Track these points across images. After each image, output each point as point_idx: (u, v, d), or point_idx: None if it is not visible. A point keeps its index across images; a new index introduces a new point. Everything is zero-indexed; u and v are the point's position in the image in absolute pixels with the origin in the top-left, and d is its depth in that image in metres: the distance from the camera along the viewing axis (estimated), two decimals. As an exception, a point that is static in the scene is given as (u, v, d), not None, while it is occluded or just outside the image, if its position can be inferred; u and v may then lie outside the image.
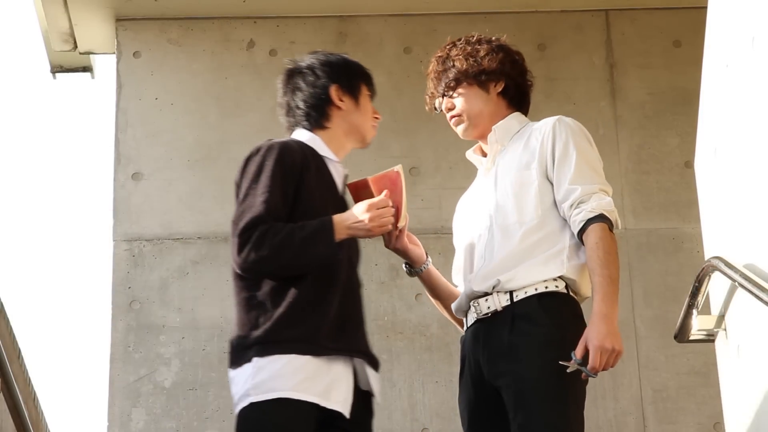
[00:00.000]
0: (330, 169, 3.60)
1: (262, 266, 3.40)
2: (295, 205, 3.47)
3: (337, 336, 3.43)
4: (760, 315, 3.33)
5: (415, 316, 5.98)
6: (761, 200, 3.32)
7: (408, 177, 6.09)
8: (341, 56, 3.75)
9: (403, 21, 6.36)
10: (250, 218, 3.41)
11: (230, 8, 6.30)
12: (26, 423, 5.31)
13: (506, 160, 3.66)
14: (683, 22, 6.31)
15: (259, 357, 3.36)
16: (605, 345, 3.36)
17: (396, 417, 5.82)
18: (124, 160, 6.17)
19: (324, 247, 3.41)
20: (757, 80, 3.35)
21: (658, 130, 6.26)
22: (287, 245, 3.38)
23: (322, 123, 3.64)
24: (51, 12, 6.27)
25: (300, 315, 3.39)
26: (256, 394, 3.34)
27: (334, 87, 3.64)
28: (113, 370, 5.89)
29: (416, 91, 6.43)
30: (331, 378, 3.39)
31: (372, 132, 3.74)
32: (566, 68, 6.29)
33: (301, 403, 3.34)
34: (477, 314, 3.58)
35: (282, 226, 3.40)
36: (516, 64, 3.74)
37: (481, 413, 3.59)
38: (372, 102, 3.76)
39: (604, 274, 3.43)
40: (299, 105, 3.67)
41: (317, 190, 3.52)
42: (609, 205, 3.52)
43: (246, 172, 3.54)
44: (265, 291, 3.42)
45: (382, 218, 3.48)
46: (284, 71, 3.73)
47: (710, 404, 5.80)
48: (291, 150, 3.52)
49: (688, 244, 6.07)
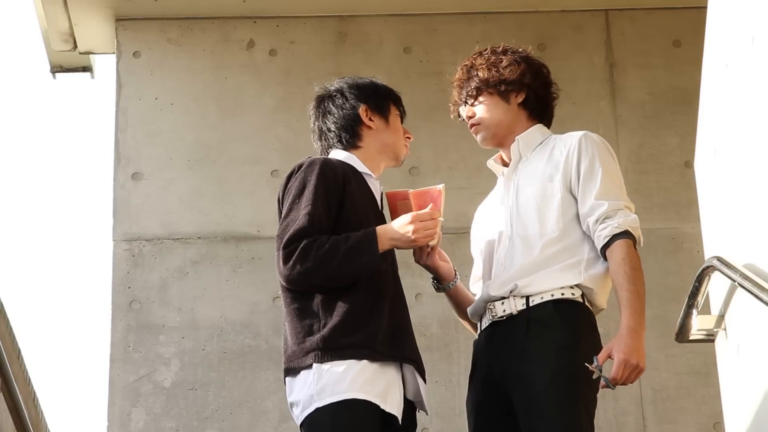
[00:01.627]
0: (369, 185, 3.67)
1: (308, 278, 3.47)
2: (339, 218, 3.54)
3: (391, 343, 3.50)
4: (760, 315, 3.32)
5: (415, 316, 5.90)
6: (761, 200, 3.32)
7: (408, 177, 6.09)
8: (370, 79, 3.83)
9: (403, 21, 6.36)
10: (294, 231, 3.48)
11: (230, 8, 6.30)
12: (26, 423, 5.30)
13: (528, 171, 3.70)
14: (683, 22, 6.31)
15: (320, 363, 3.42)
16: (631, 360, 3.39)
17: (396, 417, 5.82)
18: (124, 160, 6.17)
19: (368, 257, 3.47)
20: (757, 80, 3.35)
21: (658, 130, 6.26)
22: (332, 257, 3.45)
23: (354, 143, 3.72)
24: (51, 12, 6.27)
25: (355, 323, 3.46)
26: (321, 399, 3.39)
27: (363, 107, 3.72)
28: (113, 370, 5.89)
29: (416, 91, 6.45)
30: (386, 383, 3.46)
31: (404, 150, 3.80)
32: (566, 68, 6.28)
33: (367, 404, 3.40)
34: (492, 317, 3.60)
35: (326, 238, 3.47)
36: (538, 76, 3.79)
37: (489, 416, 3.59)
38: (403, 123, 3.83)
39: (632, 289, 3.47)
40: (330, 128, 3.74)
41: (360, 202, 3.59)
42: (635, 222, 3.58)
43: (289, 188, 3.60)
44: (318, 301, 3.49)
45: (427, 230, 3.54)
46: (314, 98, 3.81)
47: (710, 404, 5.80)
48: (333, 165, 3.59)
49: (688, 244, 6.07)
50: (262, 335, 5.89)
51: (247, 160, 6.16)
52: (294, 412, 3.50)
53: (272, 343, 5.85)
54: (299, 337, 3.48)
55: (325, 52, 6.33)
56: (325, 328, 3.45)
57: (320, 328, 3.45)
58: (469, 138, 3.87)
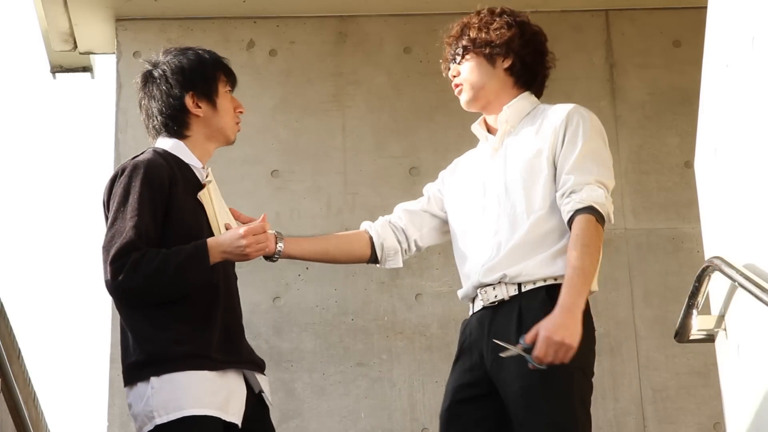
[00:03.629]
0: (197, 177, 3.56)
1: (138, 294, 3.37)
2: (165, 223, 3.43)
3: (226, 349, 3.44)
4: (760, 315, 3.32)
5: (415, 316, 5.97)
6: (761, 200, 3.32)
7: (408, 177, 6.09)
8: (195, 53, 3.63)
9: (403, 21, 6.35)
10: (122, 245, 3.36)
11: (230, 8, 6.30)
12: (26, 423, 5.31)
13: (516, 144, 3.60)
14: (683, 22, 6.31)
15: (156, 376, 3.34)
16: (554, 337, 3.27)
17: (396, 417, 5.82)
18: (124, 160, 6.15)
19: (199, 272, 3.39)
20: (757, 80, 3.35)
21: (658, 130, 6.26)
22: (162, 271, 3.34)
23: (182, 132, 3.58)
24: (51, 12, 6.27)
25: (190, 332, 3.38)
26: (161, 416, 3.33)
27: (189, 95, 3.57)
28: (113, 370, 5.88)
29: (416, 91, 6.46)
30: (227, 391, 3.40)
31: (235, 129, 3.68)
32: (566, 68, 6.27)
33: (206, 419, 3.34)
34: (484, 302, 3.53)
35: (155, 252, 3.37)
36: (529, 43, 3.68)
37: (468, 398, 3.51)
38: (232, 92, 3.68)
39: (576, 266, 3.36)
40: (156, 115, 3.60)
41: (187, 206, 3.48)
42: (600, 197, 3.44)
43: (114, 193, 3.47)
44: (152, 310, 3.40)
45: (259, 244, 3.46)
46: (141, 73, 3.63)
47: (710, 404, 5.80)
48: (157, 168, 3.46)
49: (688, 244, 6.07)
50: (262, 335, 5.89)
51: (247, 160, 6.16)
52: (135, 424, 3.43)
53: (272, 343, 5.85)
54: (135, 347, 3.39)
55: (325, 52, 6.33)
56: (159, 339, 3.36)
57: (155, 338, 3.36)
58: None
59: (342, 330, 5.95)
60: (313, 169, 6.16)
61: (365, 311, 5.96)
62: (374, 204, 6.05)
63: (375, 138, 6.22)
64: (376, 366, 5.91)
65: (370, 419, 5.83)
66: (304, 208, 6.07)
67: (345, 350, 5.92)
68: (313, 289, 5.99)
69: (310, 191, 6.12)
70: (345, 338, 5.93)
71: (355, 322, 5.96)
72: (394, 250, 3.77)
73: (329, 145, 6.20)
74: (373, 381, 5.89)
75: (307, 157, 6.17)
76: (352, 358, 5.91)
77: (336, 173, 6.15)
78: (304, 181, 6.14)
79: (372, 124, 6.23)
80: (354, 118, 6.24)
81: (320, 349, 5.93)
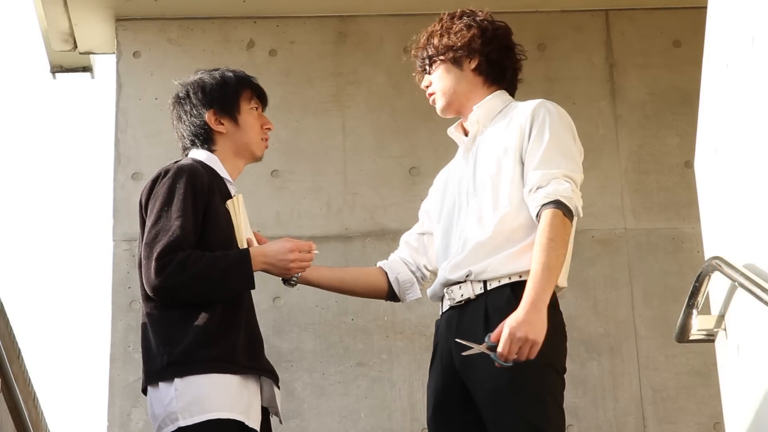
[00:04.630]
0: (228, 189, 3.62)
1: (180, 293, 3.41)
2: (203, 228, 3.47)
3: (250, 354, 3.47)
4: (760, 315, 3.32)
5: (415, 316, 5.98)
6: (761, 200, 3.32)
7: (408, 177, 6.09)
8: (218, 74, 3.70)
9: (403, 21, 6.35)
10: (168, 242, 3.40)
11: (230, 8, 6.30)
12: (26, 423, 5.31)
13: (487, 142, 3.60)
14: (683, 22, 6.31)
15: (180, 378, 3.36)
16: (517, 333, 3.24)
17: (396, 417, 5.82)
18: (124, 160, 6.17)
19: (242, 280, 3.44)
20: (757, 80, 3.35)
21: (658, 130, 6.26)
22: (208, 275, 3.39)
23: (210, 147, 3.65)
24: (51, 12, 6.27)
25: (216, 335, 3.40)
26: (185, 418, 3.34)
27: (209, 113, 3.64)
28: (113, 370, 5.88)
29: (416, 91, 6.43)
30: (248, 397, 3.42)
31: (262, 146, 3.73)
32: (566, 68, 6.28)
33: (230, 422, 3.36)
34: (451, 302, 3.52)
35: (200, 254, 3.40)
36: (492, 41, 3.67)
37: (447, 402, 3.51)
38: (264, 111, 3.75)
39: (541, 261, 3.32)
40: (184, 134, 3.69)
41: (222, 214, 3.53)
42: (566, 191, 3.40)
43: (155, 193, 3.52)
44: (179, 311, 3.42)
45: (303, 263, 3.53)
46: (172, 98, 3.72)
47: (710, 404, 5.80)
48: (200, 173, 3.52)
49: (688, 244, 6.07)
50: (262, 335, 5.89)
51: (247, 160, 6.15)
52: (154, 425, 3.44)
53: (272, 343, 5.85)
54: (160, 348, 3.41)
55: (325, 52, 6.33)
56: (186, 340, 3.38)
57: (181, 340, 3.39)
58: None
59: (342, 330, 5.95)
60: (313, 169, 6.16)
61: (365, 311, 5.96)
62: (374, 204, 6.06)
63: (375, 138, 6.22)
64: (376, 366, 5.91)
65: (370, 419, 5.83)
66: (304, 208, 6.07)
67: (345, 350, 5.92)
68: (313, 289, 5.93)
69: (310, 191, 6.12)
70: (345, 338, 5.93)
71: (355, 322, 5.96)
72: (410, 282, 3.82)
73: (329, 145, 6.20)
74: (373, 381, 5.89)
75: (307, 157, 6.17)
76: (352, 358, 5.92)
77: (336, 173, 6.15)
78: (304, 181, 6.14)
79: (372, 124, 6.23)
80: (354, 118, 6.24)
81: (320, 349, 5.93)
